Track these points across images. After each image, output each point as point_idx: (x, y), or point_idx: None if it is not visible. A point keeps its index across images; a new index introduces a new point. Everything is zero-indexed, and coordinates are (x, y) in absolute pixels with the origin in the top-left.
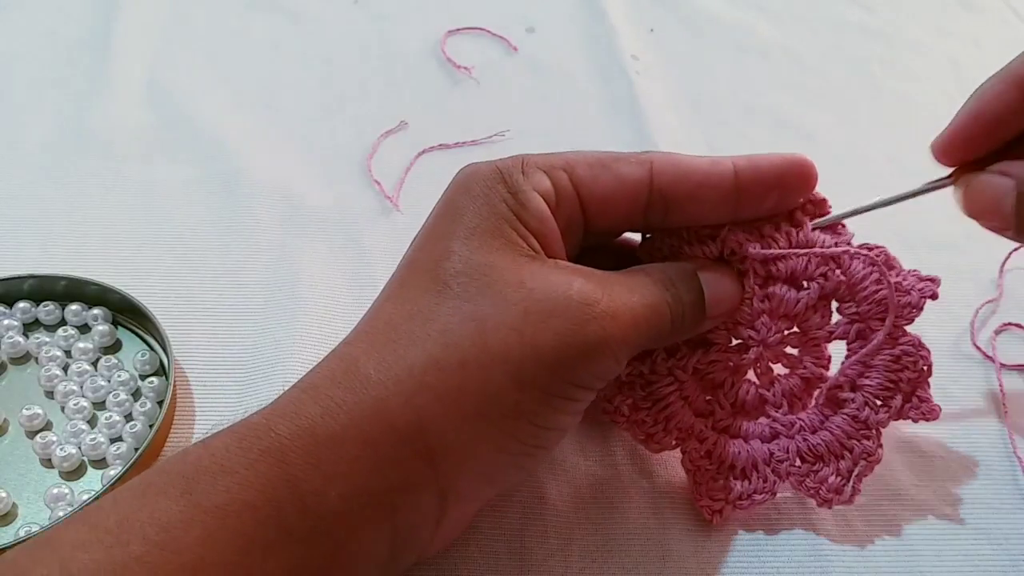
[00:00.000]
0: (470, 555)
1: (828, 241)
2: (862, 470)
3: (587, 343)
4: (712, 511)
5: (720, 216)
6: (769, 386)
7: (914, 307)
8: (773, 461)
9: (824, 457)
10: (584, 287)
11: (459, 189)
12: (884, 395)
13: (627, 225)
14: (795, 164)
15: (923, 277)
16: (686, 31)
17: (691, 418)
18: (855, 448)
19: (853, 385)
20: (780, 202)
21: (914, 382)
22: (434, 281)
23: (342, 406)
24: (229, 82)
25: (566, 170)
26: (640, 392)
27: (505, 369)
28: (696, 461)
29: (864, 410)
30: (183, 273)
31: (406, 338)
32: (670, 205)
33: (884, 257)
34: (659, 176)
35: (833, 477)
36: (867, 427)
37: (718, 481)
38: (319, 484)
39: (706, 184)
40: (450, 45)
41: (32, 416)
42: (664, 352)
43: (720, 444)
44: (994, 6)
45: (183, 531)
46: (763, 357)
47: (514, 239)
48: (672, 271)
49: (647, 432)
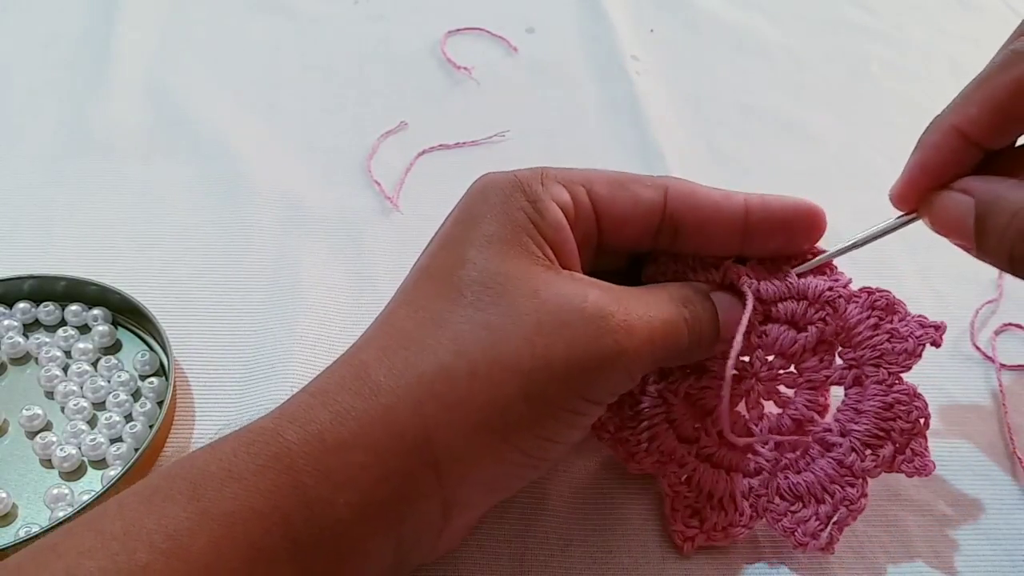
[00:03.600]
0: (471, 556)
1: (821, 286)
2: (842, 518)
3: (600, 356)
4: (684, 538)
5: (726, 249)
6: (758, 420)
7: (910, 354)
8: (752, 496)
9: (804, 498)
10: (600, 299)
11: (476, 196)
12: (872, 443)
13: (637, 245)
14: (805, 211)
15: (926, 323)
16: (686, 31)
17: (674, 442)
18: (837, 493)
19: (843, 430)
20: (786, 244)
21: (907, 433)
22: (448, 288)
23: (351, 412)
24: (229, 82)
25: (585, 185)
26: (628, 411)
27: (515, 381)
28: (675, 487)
29: (850, 455)
30: (183, 273)
31: (417, 345)
32: (679, 231)
33: (885, 302)
34: (672, 202)
35: (812, 520)
36: (852, 474)
37: (694, 509)
38: (327, 492)
39: (716, 217)
40: (450, 45)
41: (32, 416)
42: (656, 375)
43: (700, 472)
44: (994, 6)
45: (190, 539)
46: (754, 390)
47: (531, 248)
48: (689, 289)
49: (629, 451)
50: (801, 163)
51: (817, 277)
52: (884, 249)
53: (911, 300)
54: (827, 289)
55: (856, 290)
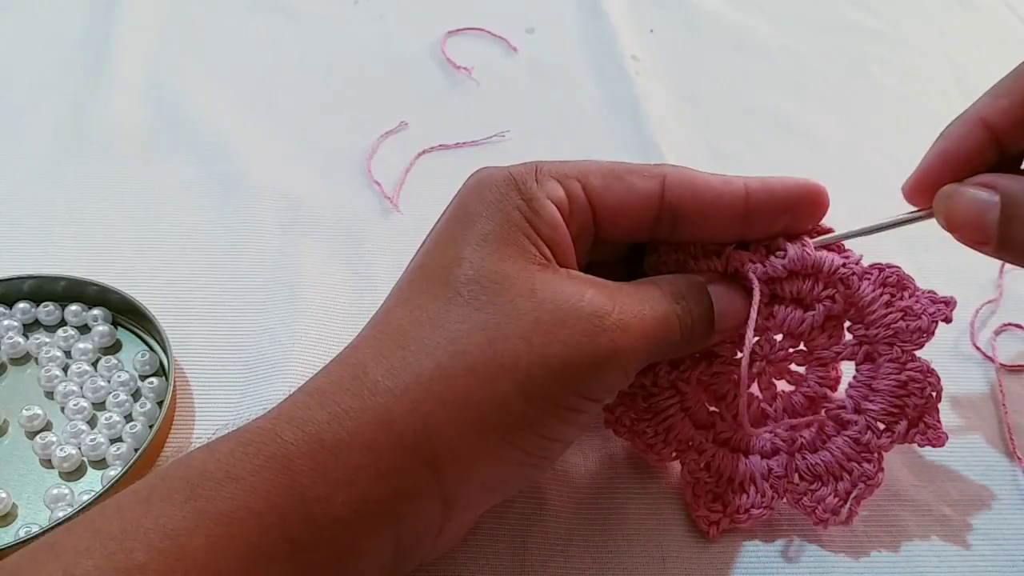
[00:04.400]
0: (471, 555)
1: (836, 262)
2: (860, 492)
3: (597, 355)
4: (709, 523)
5: (728, 235)
6: (772, 401)
7: (924, 332)
8: (772, 477)
9: (823, 477)
10: (595, 298)
11: (471, 194)
12: (887, 420)
13: (636, 236)
14: (808, 190)
15: (936, 299)
16: (686, 31)
17: (691, 430)
18: (855, 470)
19: (857, 407)
20: (789, 226)
21: (921, 408)
22: (444, 288)
23: (349, 412)
24: (229, 82)
25: (579, 179)
26: (642, 403)
27: (513, 379)
28: (695, 473)
29: (866, 433)
30: (183, 273)
31: (415, 345)
32: (679, 219)
33: (896, 278)
34: (670, 190)
35: (831, 497)
36: (868, 450)
37: (716, 494)
38: (325, 492)
39: (717, 202)
40: (450, 45)
41: (32, 416)
42: (668, 364)
43: (719, 457)
44: (994, 6)
45: (188, 538)
46: (766, 372)
47: (526, 247)
48: (682, 283)
49: (647, 443)
50: (801, 163)
51: (830, 252)
52: (883, 248)
53: None
54: (841, 265)
55: (868, 266)
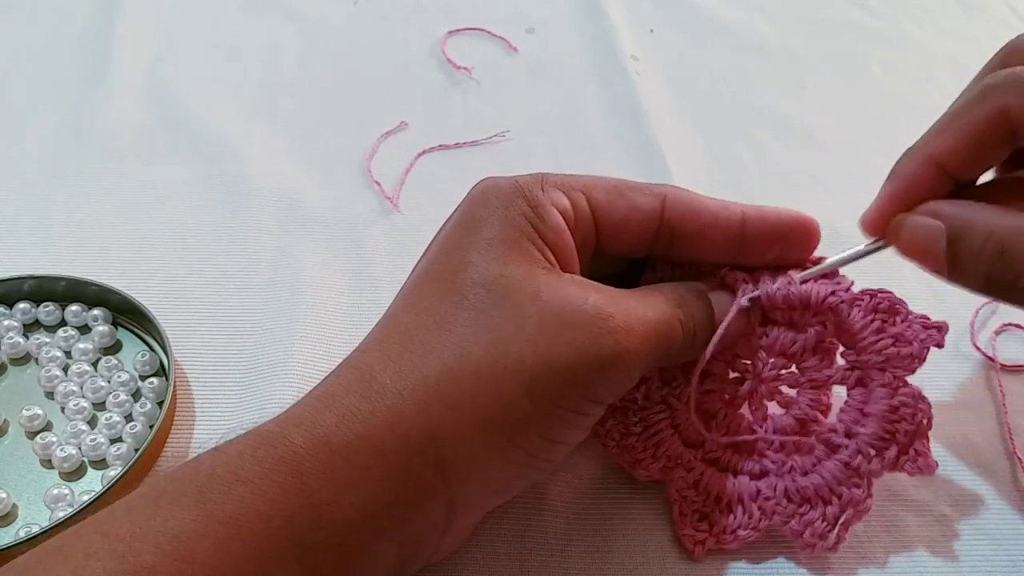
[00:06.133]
0: (471, 556)
1: (822, 293)
2: (849, 518)
3: (601, 357)
4: (695, 542)
5: (722, 257)
6: (762, 422)
7: (915, 358)
8: (760, 498)
9: (811, 500)
10: (599, 301)
11: (477, 200)
12: (878, 445)
13: (635, 251)
14: (800, 223)
15: (928, 324)
16: (686, 31)
17: (680, 447)
18: (844, 495)
19: (848, 431)
20: (782, 256)
21: (911, 435)
22: (451, 291)
23: (357, 415)
24: (229, 82)
25: (584, 192)
26: (632, 418)
27: (518, 381)
28: (682, 491)
29: (856, 458)
30: (183, 274)
31: (422, 348)
32: (676, 238)
33: (888, 304)
34: (670, 210)
35: (819, 522)
36: (858, 475)
37: (703, 513)
38: (333, 494)
39: (713, 226)
40: (450, 45)
41: (32, 417)
42: (659, 380)
43: (707, 476)
44: (994, 6)
45: (196, 541)
46: (757, 391)
47: (532, 252)
48: (684, 290)
49: (635, 458)
50: (801, 163)
51: (819, 282)
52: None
53: (911, 300)
54: (829, 294)
55: (858, 292)
